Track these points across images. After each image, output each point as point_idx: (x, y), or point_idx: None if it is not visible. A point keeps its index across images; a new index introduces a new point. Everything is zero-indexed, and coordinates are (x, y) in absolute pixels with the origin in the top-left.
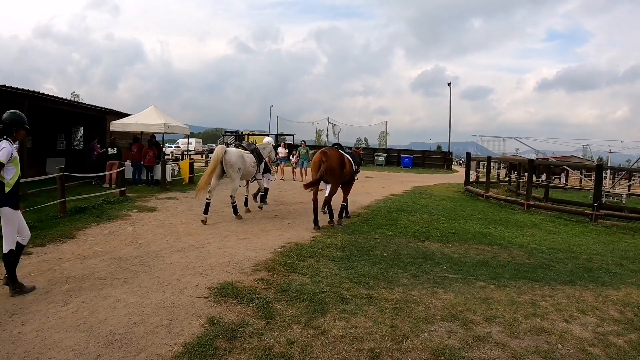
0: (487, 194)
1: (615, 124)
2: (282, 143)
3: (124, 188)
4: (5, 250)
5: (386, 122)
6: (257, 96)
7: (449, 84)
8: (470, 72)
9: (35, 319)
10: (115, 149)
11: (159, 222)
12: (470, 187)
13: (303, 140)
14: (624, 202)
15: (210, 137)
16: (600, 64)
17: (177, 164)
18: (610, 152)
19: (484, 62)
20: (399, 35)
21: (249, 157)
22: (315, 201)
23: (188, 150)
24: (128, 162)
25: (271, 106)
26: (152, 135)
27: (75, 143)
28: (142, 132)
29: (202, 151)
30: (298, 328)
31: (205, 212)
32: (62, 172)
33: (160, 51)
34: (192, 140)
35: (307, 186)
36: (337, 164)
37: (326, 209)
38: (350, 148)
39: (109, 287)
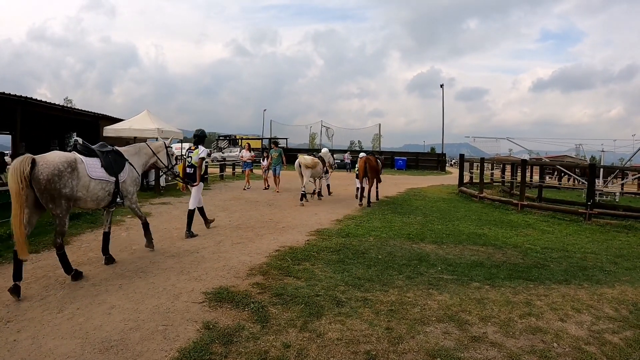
0: (481, 195)
1: (610, 123)
2: (246, 145)
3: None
4: (191, 207)
5: (379, 124)
6: (252, 99)
7: (441, 85)
8: (465, 73)
9: (31, 326)
10: None
11: (153, 227)
12: (464, 189)
13: (274, 142)
14: (617, 200)
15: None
16: (595, 63)
17: None
18: (603, 151)
19: (479, 63)
20: (394, 37)
21: (318, 163)
22: (363, 189)
23: (182, 155)
24: None
25: (264, 110)
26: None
27: (68, 149)
28: (135, 137)
29: None
30: (294, 332)
31: (301, 199)
32: None
33: (155, 54)
34: (187, 145)
35: (363, 187)
36: (375, 165)
37: (360, 195)
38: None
39: (104, 294)
